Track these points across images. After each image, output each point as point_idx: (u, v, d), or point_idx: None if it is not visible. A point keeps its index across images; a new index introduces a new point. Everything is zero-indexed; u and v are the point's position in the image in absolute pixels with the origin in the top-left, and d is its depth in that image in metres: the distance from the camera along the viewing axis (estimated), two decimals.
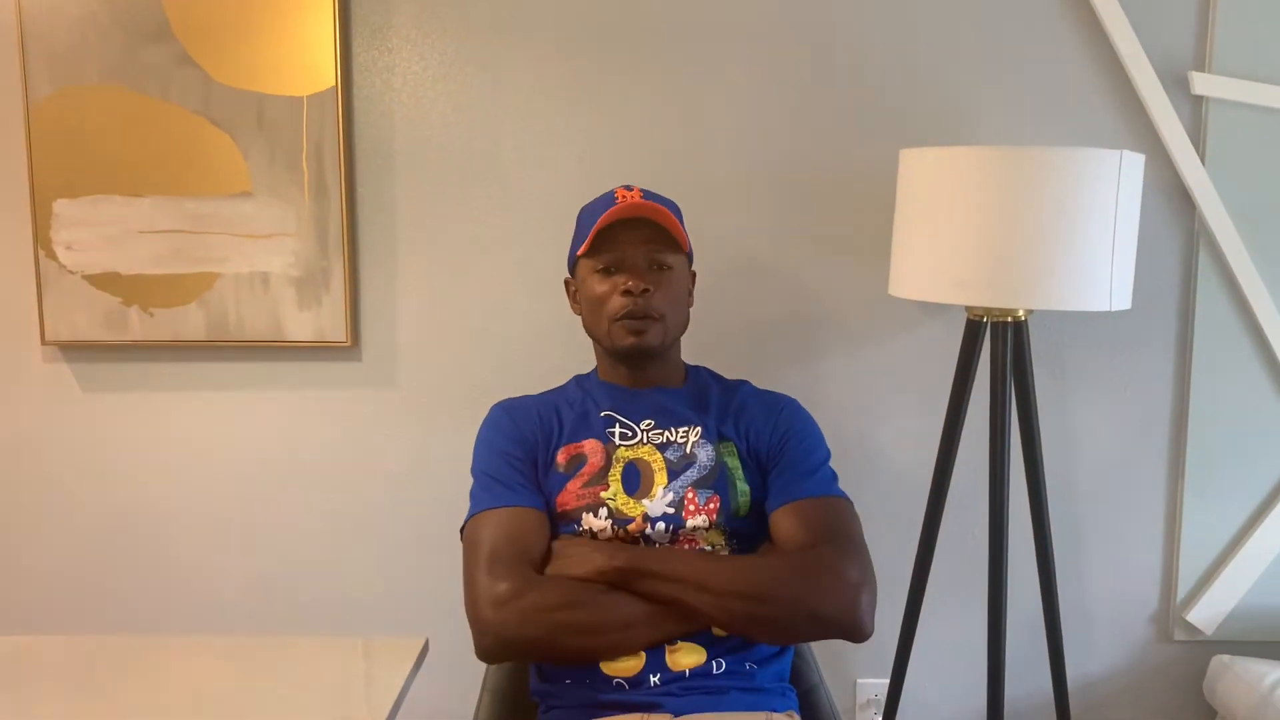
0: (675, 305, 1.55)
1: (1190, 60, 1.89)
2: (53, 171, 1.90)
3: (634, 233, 1.51)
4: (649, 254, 1.52)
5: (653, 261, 1.52)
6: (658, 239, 1.52)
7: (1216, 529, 2.00)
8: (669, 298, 1.53)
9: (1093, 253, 1.56)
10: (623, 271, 1.51)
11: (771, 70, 1.91)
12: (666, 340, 1.54)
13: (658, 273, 1.52)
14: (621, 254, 1.51)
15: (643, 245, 1.51)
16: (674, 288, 1.54)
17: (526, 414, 1.57)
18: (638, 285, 1.49)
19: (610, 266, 1.52)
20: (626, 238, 1.51)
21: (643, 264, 1.51)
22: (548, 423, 1.56)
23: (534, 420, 1.56)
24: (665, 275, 1.53)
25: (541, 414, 1.57)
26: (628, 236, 1.51)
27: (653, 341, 1.52)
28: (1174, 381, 1.98)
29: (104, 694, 1.31)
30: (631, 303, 1.49)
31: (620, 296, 1.50)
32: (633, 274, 1.50)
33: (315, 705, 1.28)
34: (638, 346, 1.52)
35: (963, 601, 2.01)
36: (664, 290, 1.52)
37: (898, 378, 1.98)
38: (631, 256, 1.51)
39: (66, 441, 2.00)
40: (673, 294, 1.54)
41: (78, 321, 1.94)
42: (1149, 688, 2.06)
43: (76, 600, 2.04)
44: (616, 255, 1.52)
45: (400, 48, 1.90)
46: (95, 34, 1.87)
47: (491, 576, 1.37)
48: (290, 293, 1.93)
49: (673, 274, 1.54)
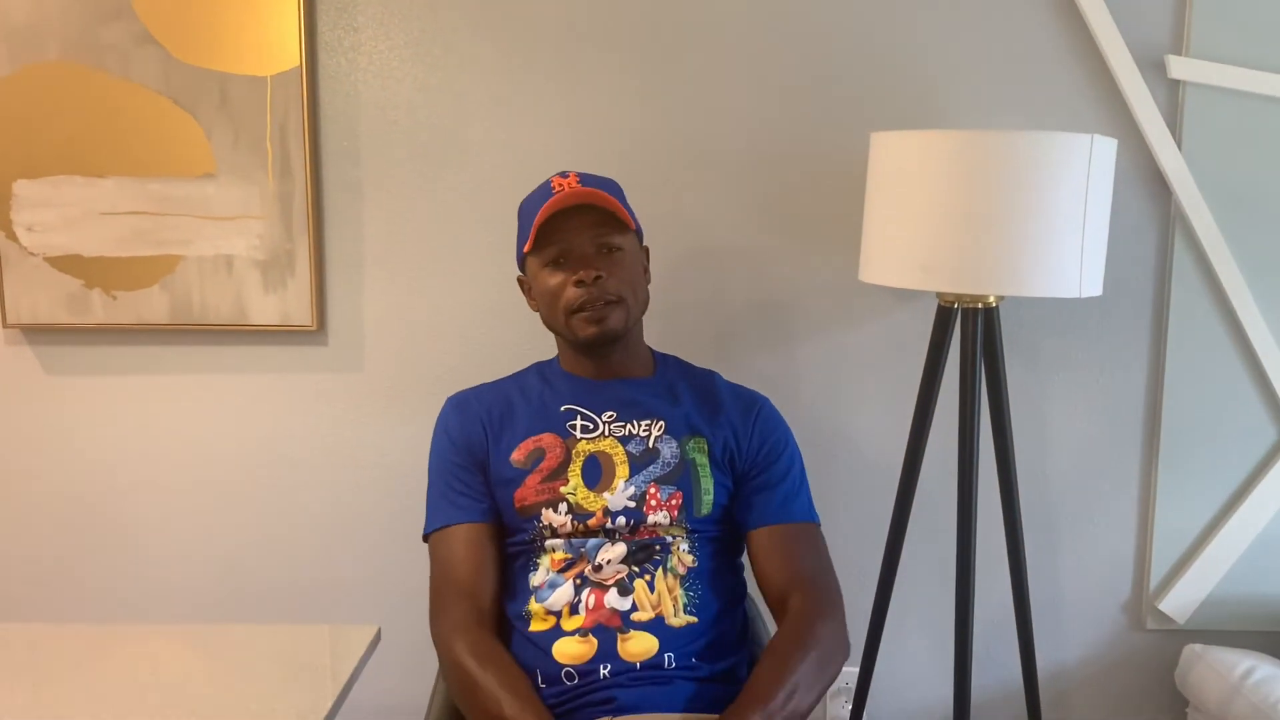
0: (632, 285, 1.51)
1: (1167, 44, 1.86)
2: (13, 151, 1.87)
3: (576, 220, 1.48)
4: (595, 239, 1.48)
5: (601, 246, 1.49)
6: (602, 222, 1.48)
7: (1190, 517, 1.99)
8: (624, 278, 1.50)
9: (1063, 238, 1.54)
10: (571, 262, 1.48)
11: (741, 52, 1.88)
12: (630, 321, 1.52)
13: (608, 256, 1.49)
14: (567, 244, 1.48)
15: (588, 231, 1.48)
16: (627, 268, 1.51)
17: (475, 410, 1.56)
18: (589, 274, 1.46)
19: (559, 258, 1.49)
20: (569, 226, 1.48)
21: (590, 250, 1.48)
22: (497, 417, 1.54)
23: (482, 416, 1.55)
24: (616, 257, 1.50)
25: (492, 408, 1.56)
26: (571, 225, 1.48)
27: (616, 326, 1.50)
28: (1148, 368, 1.96)
29: (55, 683, 1.29)
30: (585, 292, 1.47)
31: (573, 288, 1.47)
32: (581, 263, 1.47)
33: (264, 692, 1.26)
34: (602, 335, 1.49)
35: (933, 590, 2.00)
36: (617, 272, 1.49)
37: (869, 365, 1.96)
38: (578, 245, 1.48)
39: (29, 425, 1.98)
40: (627, 274, 1.50)
41: (39, 304, 1.91)
42: (1121, 677, 2.05)
43: (39, 586, 2.02)
44: (563, 246, 1.48)
45: (366, 27, 1.87)
46: (55, 10, 1.83)
47: (435, 609, 1.47)
48: (255, 275, 1.90)
49: (624, 255, 1.51)
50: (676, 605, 1.44)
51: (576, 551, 1.47)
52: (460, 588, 1.47)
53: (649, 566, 1.45)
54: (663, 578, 1.45)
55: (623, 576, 1.44)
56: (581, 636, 1.41)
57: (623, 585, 1.44)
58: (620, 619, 1.42)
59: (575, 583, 1.45)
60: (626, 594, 1.43)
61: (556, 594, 1.45)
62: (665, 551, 1.47)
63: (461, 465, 1.53)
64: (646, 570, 1.45)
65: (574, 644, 1.41)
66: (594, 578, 1.45)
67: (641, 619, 1.42)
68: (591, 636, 1.41)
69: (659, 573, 1.45)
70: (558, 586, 1.45)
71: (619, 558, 1.45)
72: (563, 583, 1.45)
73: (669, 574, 1.46)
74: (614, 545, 1.46)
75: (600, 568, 1.45)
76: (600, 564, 1.45)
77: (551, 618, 1.44)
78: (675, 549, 1.47)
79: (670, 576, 1.46)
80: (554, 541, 1.48)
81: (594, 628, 1.42)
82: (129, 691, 1.27)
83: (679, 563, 1.47)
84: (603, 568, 1.45)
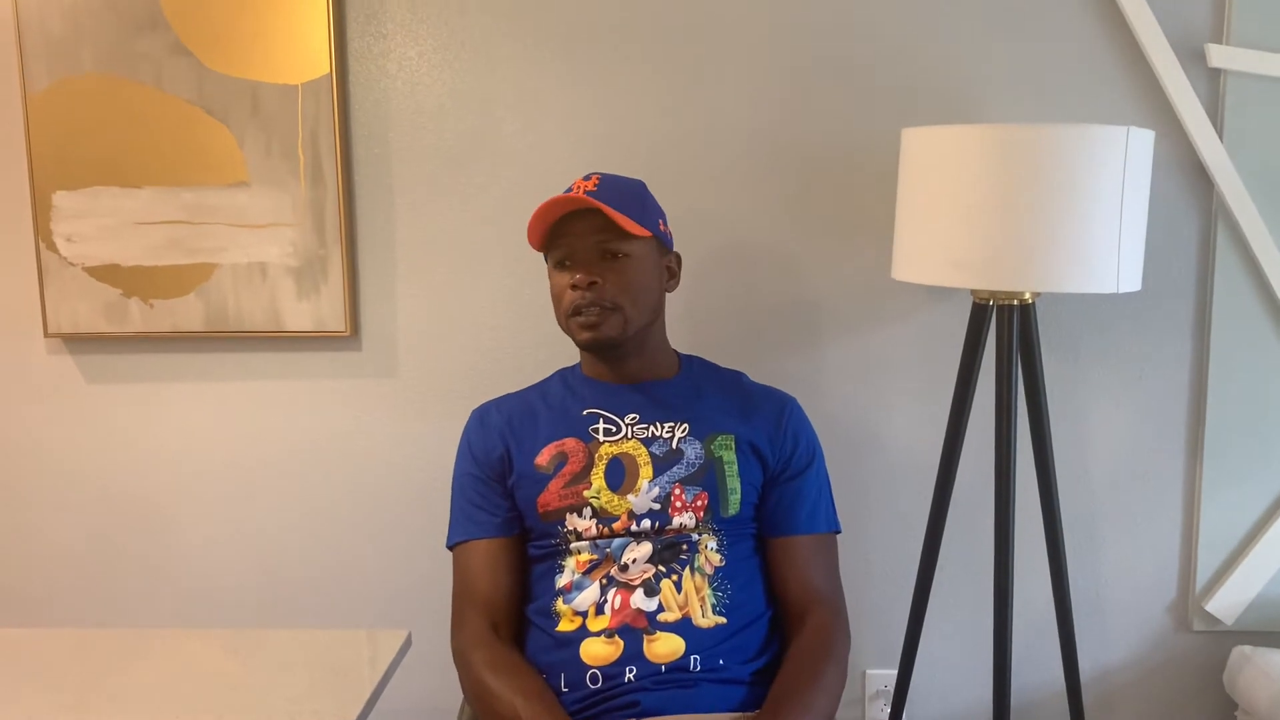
0: (632, 293, 1.49)
1: (1207, 32, 1.82)
2: (52, 163, 1.90)
3: (582, 223, 1.47)
4: (599, 244, 1.48)
5: (603, 251, 1.48)
6: (608, 227, 1.47)
7: (1236, 516, 1.94)
8: (623, 285, 1.48)
9: (1100, 233, 1.51)
10: (575, 264, 1.49)
11: (771, 49, 1.87)
12: (628, 330, 1.50)
13: (611, 262, 1.48)
14: (571, 247, 1.48)
15: (591, 236, 1.47)
16: (629, 275, 1.49)
17: (495, 421, 1.57)
18: (584, 279, 1.46)
19: (564, 260, 1.50)
20: (575, 229, 1.48)
21: (593, 255, 1.48)
22: (518, 425, 1.55)
23: (502, 427, 1.56)
24: (620, 264, 1.48)
25: (512, 417, 1.57)
26: (576, 228, 1.48)
27: (610, 333, 1.48)
28: (1191, 364, 1.92)
29: (93, 687, 1.31)
30: (580, 297, 1.47)
31: (571, 291, 1.48)
32: (582, 267, 1.47)
33: (296, 696, 1.27)
34: (594, 340, 1.49)
35: (972, 591, 1.97)
36: (616, 279, 1.47)
37: (902, 364, 1.94)
38: (581, 249, 1.48)
39: (72, 433, 2.01)
40: (627, 281, 1.48)
41: (79, 313, 1.94)
42: (1167, 679, 2.01)
43: (80, 590, 2.05)
44: (567, 249, 1.49)
45: (394, 33, 1.88)
46: (90, 22, 1.86)
47: (455, 621, 1.51)
48: (288, 282, 1.92)
49: (629, 261, 1.49)
50: (704, 606, 1.44)
51: (602, 552, 1.46)
52: (478, 602, 1.49)
53: (676, 566, 1.45)
54: (690, 577, 1.44)
55: (649, 577, 1.44)
56: (608, 638, 1.41)
57: (649, 585, 1.43)
58: (646, 620, 1.42)
59: (601, 583, 1.45)
60: (653, 594, 1.43)
61: (583, 595, 1.45)
62: (692, 551, 1.46)
63: (480, 479, 1.54)
64: (673, 570, 1.45)
65: (600, 645, 1.41)
66: (620, 578, 1.44)
67: (668, 620, 1.42)
68: (618, 638, 1.41)
69: (686, 572, 1.45)
70: (584, 588, 1.45)
71: (645, 557, 1.45)
72: (589, 584, 1.45)
73: (696, 574, 1.45)
74: (640, 545, 1.46)
75: (626, 568, 1.44)
76: (626, 564, 1.44)
77: (578, 618, 1.44)
78: (703, 547, 1.46)
79: (698, 576, 1.45)
80: (579, 544, 1.47)
81: (620, 628, 1.41)
82: (164, 694, 1.29)
83: (706, 562, 1.46)
84: (629, 568, 1.44)
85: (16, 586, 2.05)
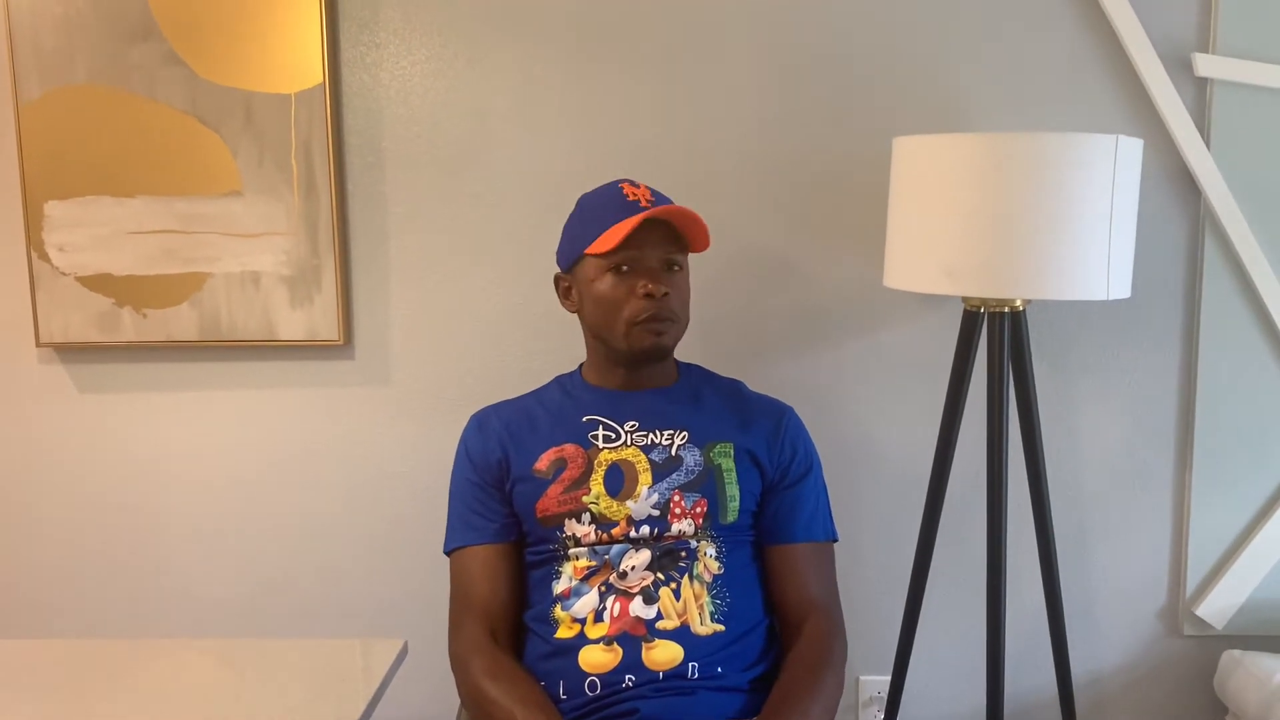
0: (687, 306, 1.55)
1: (1193, 41, 1.84)
2: (44, 173, 1.90)
3: (651, 233, 1.48)
4: (665, 255, 1.50)
5: (668, 263, 1.50)
6: (673, 239, 1.51)
7: (1226, 521, 1.96)
8: (681, 299, 1.53)
9: (1089, 241, 1.52)
10: (637, 272, 1.48)
11: (762, 58, 1.88)
12: (677, 341, 1.54)
13: (670, 274, 1.51)
14: (639, 254, 1.48)
15: (661, 246, 1.49)
16: (685, 289, 1.54)
17: (494, 427, 1.57)
18: (659, 289, 1.47)
19: (623, 265, 1.49)
20: (646, 238, 1.48)
21: (659, 265, 1.50)
22: (517, 431, 1.55)
23: (501, 433, 1.56)
24: (678, 276, 1.52)
25: (511, 423, 1.57)
26: (647, 237, 1.48)
27: (669, 343, 1.52)
28: (1180, 371, 1.93)
29: (88, 698, 1.30)
30: (655, 306, 1.47)
31: (641, 299, 1.47)
32: (651, 277, 1.48)
33: (292, 706, 1.27)
34: (657, 348, 1.51)
35: (964, 597, 1.97)
36: (678, 292, 1.51)
37: (895, 371, 1.95)
38: (649, 257, 1.49)
39: (64, 443, 2.00)
40: (684, 295, 1.54)
41: (71, 323, 1.94)
42: (1158, 683, 2.02)
43: (73, 600, 2.04)
44: (633, 255, 1.48)
45: (388, 43, 1.89)
46: (82, 33, 1.86)
47: (452, 628, 1.52)
48: (282, 291, 1.92)
49: (684, 274, 1.54)
50: (703, 613, 1.44)
51: (600, 559, 1.47)
52: (475, 608, 1.49)
53: (674, 574, 1.45)
54: (689, 585, 1.45)
55: (648, 584, 1.44)
56: (606, 645, 1.41)
57: (648, 593, 1.44)
58: (645, 627, 1.42)
59: (600, 590, 1.45)
60: (652, 602, 1.43)
61: (581, 602, 1.45)
62: (691, 558, 1.46)
63: (478, 485, 1.54)
64: (672, 578, 1.45)
65: (598, 652, 1.41)
66: (619, 585, 1.45)
67: (667, 627, 1.42)
68: (616, 645, 1.41)
69: (685, 580, 1.45)
70: (583, 594, 1.46)
71: (644, 564, 1.45)
72: (588, 590, 1.46)
73: (695, 581, 1.45)
74: (638, 552, 1.46)
75: (625, 575, 1.45)
76: (625, 571, 1.45)
77: (576, 625, 1.44)
78: (701, 555, 1.47)
79: (697, 584, 1.45)
80: (577, 550, 1.48)
81: (618, 636, 1.42)
82: (159, 705, 1.28)
83: (705, 569, 1.47)
84: (627, 575, 1.45)
85: (10, 596, 2.04)
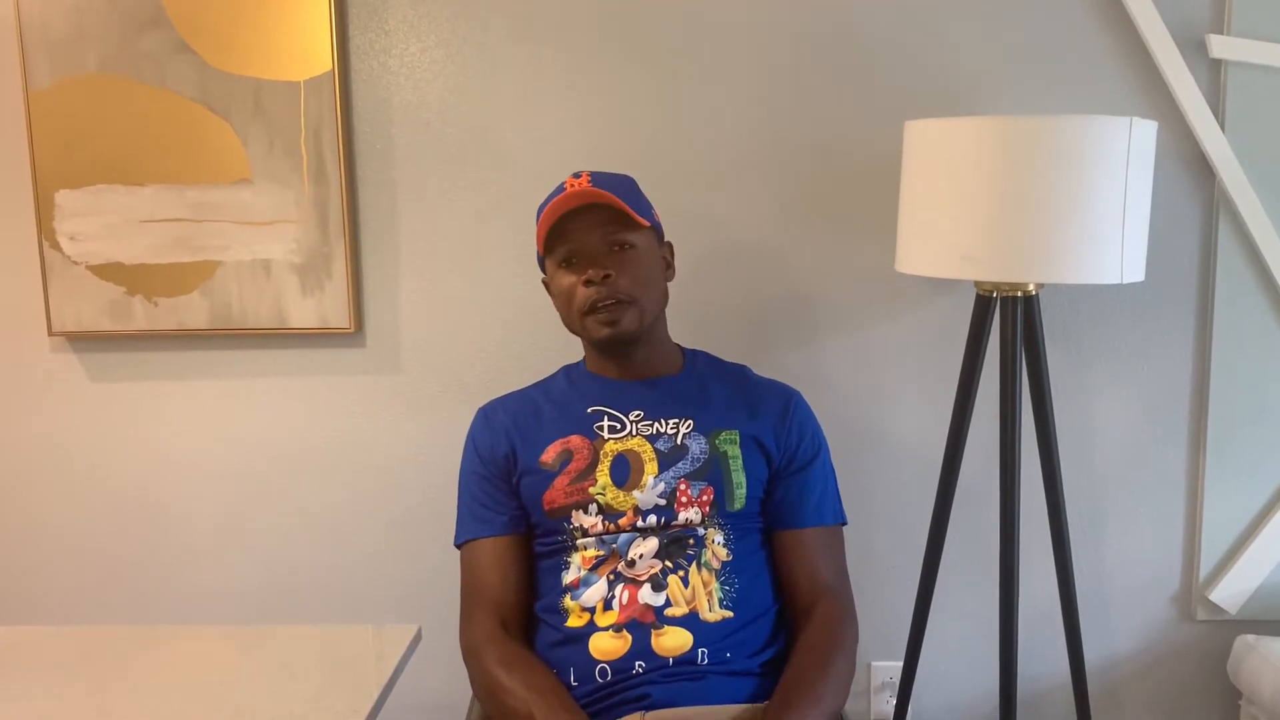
0: (644, 284, 1.50)
1: (1208, 22, 1.82)
2: (54, 162, 1.90)
3: (587, 219, 1.47)
4: (605, 237, 1.48)
5: (611, 244, 1.48)
6: (612, 220, 1.48)
7: (1239, 505, 1.95)
8: (636, 277, 1.48)
9: (1103, 224, 1.51)
10: (582, 261, 1.48)
11: (771, 43, 1.87)
12: (644, 321, 1.51)
13: (619, 254, 1.48)
14: (578, 243, 1.48)
15: (596, 230, 1.47)
16: (640, 266, 1.49)
17: (501, 420, 1.57)
18: (597, 273, 1.45)
19: (570, 258, 1.49)
20: (579, 225, 1.47)
21: (600, 249, 1.48)
22: (523, 424, 1.55)
23: (507, 426, 1.56)
24: (628, 255, 1.48)
25: (518, 415, 1.57)
26: (580, 224, 1.47)
27: (629, 327, 1.49)
28: (1193, 354, 1.92)
29: (102, 684, 1.31)
30: (595, 292, 1.46)
31: (584, 288, 1.47)
32: (591, 262, 1.47)
33: (306, 692, 1.27)
34: (614, 336, 1.49)
35: (976, 583, 1.97)
36: (628, 270, 1.48)
37: (907, 357, 1.94)
38: (588, 244, 1.48)
39: (76, 432, 2.01)
40: (639, 272, 1.49)
41: (83, 312, 1.94)
42: (1171, 669, 2.01)
43: (86, 588, 2.05)
44: (573, 246, 1.48)
45: (397, 29, 1.88)
46: (92, 22, 1.86)
47: (464, 619, 1.51)
48: (292, 279, 1.92)
49: (636, 252, 1.49)
50: (711, 600, 1.44)
51: (608, 548, 1.47)
52: (486, 600, 1.50)
53: (682, 561, 1.45)
54: (697, 572, 1.45)
55: (656, 572, 1.44)
56: (615, 632, 1.42)
57: (656, 581, 1.44)
58: (654, 614, 1.42)
59: (609, 579, 1.45)
60: (660, 589, 1.43)
61: (590, 591, 1.45)
62: (699, 545, 1.46)
63: (486, 477, 1.54)
64: (680, 565, 1.45)
65: (608, 640, 1.42)
66: (627, 574, 1.45)
67: (675, 614, 1.42)
68: (625, 632, 1.41)
69: (693, 567, 1.45)
70: (591, 584, 1.46)
71: (651, 553, 1.45)
72: (596, 580, 1.46)
73: (703, 568, 1.45)
74: (646, 540, 1.46)
75: (633, 563, 1.45)
76: (633, 559, 1.45)
77: (586, 614, 1.44)
78: (709, 542, 1.47)
79: (705, 571, 1.45)
80: (585, 540, 1.48)
81: (628, 623, 1.42)
82: (174, 691, 1.29)
83: (713, 556, 1.47)
84: (635, 563, 1.45)
85: (22, 585, 2.05)
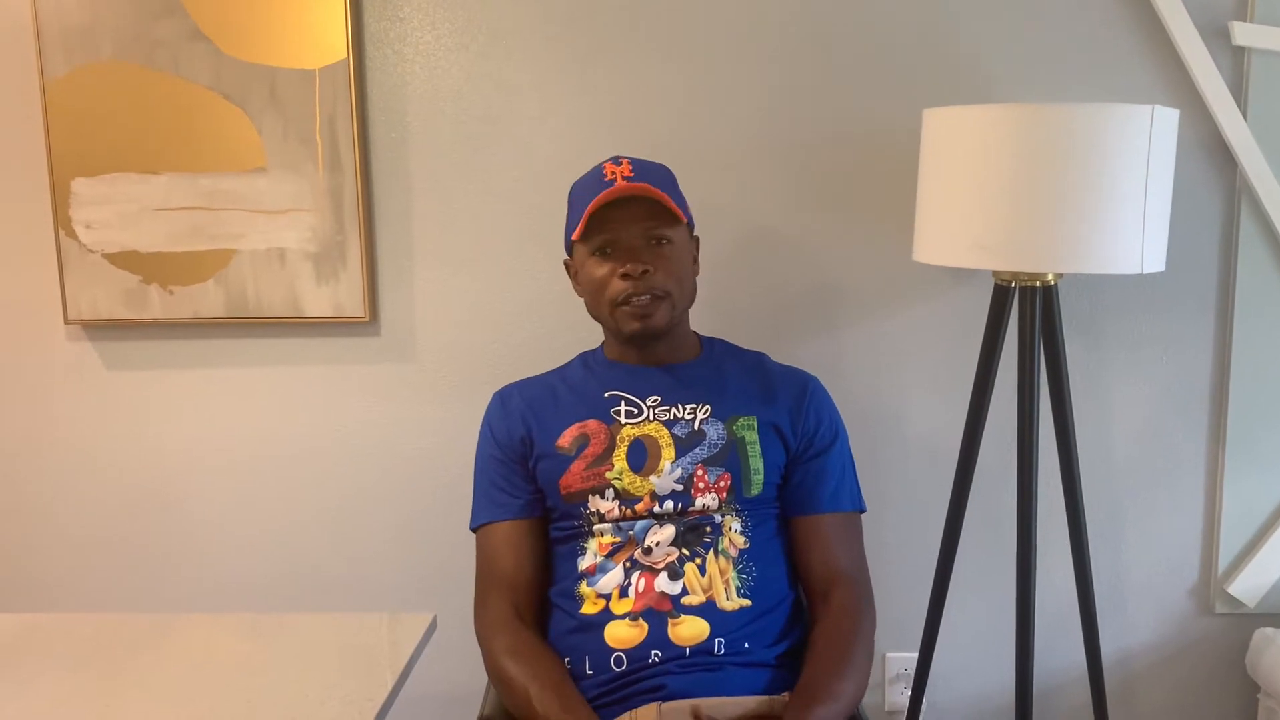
0: (679, 280, 1.49)
1: (1231, 9, 1.80)
2: (70, 150, 1.90)
3: (627, 210, 1.45)
4: (645, 231, 1.47)
5: (650, 238, 1.47)
6: (653, 214, 1.46)
7: (1259, 498, 1.93)
8: (671, 272, 1.48)
9: (1123, 213, 1.50)
10: (619, 252, 1.47)
11: (790, 31, 1.85)
12: (675, 316, 1.50)
13: (656, 249, 1.47)
14: (616, 235, 1.46)
15: (638, 223, 1.46)
16: (675, 261, 1.49)
17: (517, 404, 1.57)
18: (636, 268, 1.44)
19: (605, 248, 1.47)
20: (619, 216, 1.46)
21: (639, 242, 1.46)
22: (540, 408, 1.55)
23: (524, 410, 1.55)
24: (665, 250, 1.47)
25: (535, 400, 1.56)
26: (621, 215, 1.46)
27: (660, 322, 1.48)
28: (1213, 346, 1.91)
29: (117, 672, 1.32)
30: (632, 286, 1.45)
31: (619, 280, 1.46)
32: (629, 255, 1.46)
33: (322, 680, 1.27)
34: (645, 330, 1.48)
35: (992, 574, 1.96)
36: (665, 266, 1.47)
37: (924, 347, 1.93)
38: (626, 236, 1.46)
39: (92, 420, 2.02)
40: (675, 268, 1.48)
41: (99, 300, 1.94)
42: (1189, 662, 2.00)
43: (102, 576, 2.06)
44: (610, 236, 1.47)
45: (411, 17, 1.88)
46: (107, 10, 1.86)
47: (478, 603, 1.51)
48: (307, 268, 1.92)
49: (672, 247, 1.48)
50: (729, 588, 1.43)
51: (624, 534, 1.46)
52: (501, 584, 1.49)
53: (700, 549, 1.45)
54: (714, 560, 1.44)
55: (673, 560, 1.44)
56: (631, 620, 1.41)
57: (673, 569, 1.43)
58: (670, 603, 1.41)
59: (625, 566, 1.45)
60: (677, 578, 1.43)
61: (606, 578, 1.45)
62: (716, 533, 1.46)
63: (502, 461, 1.54)
64: (697, 553, 1.44)
65: (624, 628, 1.41)
66: (644, 561, 1.44)
67: (692, 603, 1.41)
68: (642, 620, 1.41)
69: (710, 555, 1.44)
70: (608, 570, 1.45)
71: (668, 540, 1.45)
72: (613, 566, 1.45)
73: (720, 556, 1.45)
74: (663, 528, 1.45)
75: (650, 550, 1.44)
76: (649, 547, 1.44)
77: (601, 601, 1.44)
78: (726, 530, 1.46)
79: (722, 559, 1.45)
80: (601, 526, 1.47)
81: (644, 611, 1.41)
82: (190, 678, 1.29)
83: (730, 544, 1.46)
84: (652, 550, 1.44)
85: (37, 573, 2.06)
